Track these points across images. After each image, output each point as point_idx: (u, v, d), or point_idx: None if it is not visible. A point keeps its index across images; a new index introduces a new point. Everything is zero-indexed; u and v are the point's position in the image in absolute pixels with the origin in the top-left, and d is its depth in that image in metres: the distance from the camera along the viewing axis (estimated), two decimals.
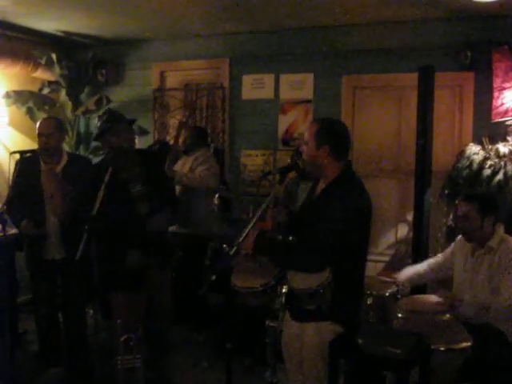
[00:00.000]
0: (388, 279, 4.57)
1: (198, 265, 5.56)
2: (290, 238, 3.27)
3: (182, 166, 5.79)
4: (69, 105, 6.92)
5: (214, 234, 5.66)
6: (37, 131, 4.57)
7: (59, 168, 4.61)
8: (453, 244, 4.28)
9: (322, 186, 3.17)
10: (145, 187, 4.13)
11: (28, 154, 4.41)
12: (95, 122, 4.30)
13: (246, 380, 4.67)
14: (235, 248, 3.00)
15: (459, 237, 4.21)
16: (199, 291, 3.18)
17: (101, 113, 4.26)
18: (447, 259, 4.26)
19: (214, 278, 2.98)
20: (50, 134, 4.55)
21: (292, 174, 3.75)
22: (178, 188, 5.50)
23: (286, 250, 3.14)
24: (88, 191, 4.01)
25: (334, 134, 3.10)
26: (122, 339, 3.74)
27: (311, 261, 2.95)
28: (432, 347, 3.19)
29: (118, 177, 3.99)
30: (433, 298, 4.14)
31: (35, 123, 4.76)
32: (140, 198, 4.13)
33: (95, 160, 6.78)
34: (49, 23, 6.21)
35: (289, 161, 5.86)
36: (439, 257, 4.37)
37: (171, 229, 5.12)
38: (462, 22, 5.62)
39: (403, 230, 6.16)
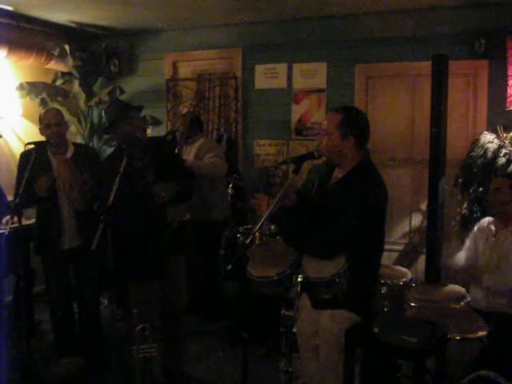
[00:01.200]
0: (402, 269, 4.59)
1: (211, 254, 5.58)
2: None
3: (187, 155, 5.77)
4: (82, 96, 6.94)
5: (227, 218, 5.68)
6: (43, 122, 4.52)
7: (67, 158, 4.61)
8: (471, 234, 4.29)
9: (339, 174, 3.16)
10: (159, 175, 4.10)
11: (32, 146, 4.37)
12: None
13: (261, 369, 4.68)
14: (250, 237, 3.00)
15: (478, 224, 4.22)
16: (216, 281, 3.19)
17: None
18: (471, 245, 4.25)
19: (229, 267, 2.99)
20: (58, 122, 4.55)
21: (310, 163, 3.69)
22: None
23: (305, 231, 3.12)
24: (102, 182, 4.01)
25: (359, 125, 3.09)
26: (137, 328, 3.75)
27: (329, 248, 2.95)
28: (448, 336, 3.19)
29: (133, 165, 3.99)
30: (446, 286, 4.13)
31: None
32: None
33: (109, 151, 6.87)
34: (62, 14, 6.22)
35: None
36: (466, 244, 4.36)
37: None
38: (476, 9, 5.56)
39: (417, 219, 6.15)
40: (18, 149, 6.29)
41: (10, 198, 4.77)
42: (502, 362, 3.22)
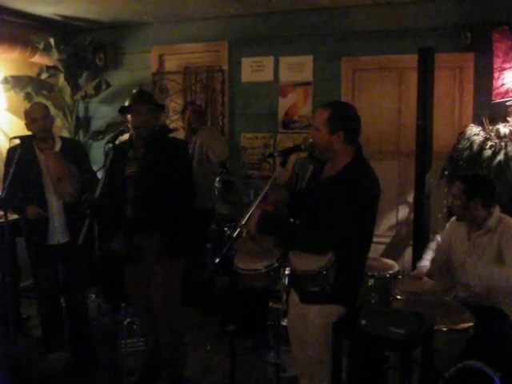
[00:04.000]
0: (389, 261, 4.60)
1: (199, 248, 5.57)
2: (292, 220, 3.28)
3: (193, 145, 5.93)
4: (67, 89, 6.90)
5: (213, 207, 5.69)
6: (29, 117, 4.50)
7: (56, 151, 4.58)
8: (447, 225, 4.29)
9: (331, 169, 3.14)
10: (140, 170, 3.93)
11: (17, 142, 4.36)
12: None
13: (249, 362, 4.69)
14: (238, 230, 3.00)
15: (452, 219, 4.24)
16: (203, 275, 3.18)
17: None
18: (444, 242, 4.25)
19: (217, 261, 2.99)
20: (45, 116, 4.53)
21: (296, 156, 3.66)
22: None
23: (290, 230, 3.12)
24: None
25: (347, 120, 3.07)
26: (125, 323, 3.75)
27: (320, 245, 2.94)
28: (434, 328, 3.21)
29: (127, 154, 3.95)
30: (432, 280, 4.14)
31: None
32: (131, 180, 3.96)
33: (95, 145, 6.86)
34: (46, 7, 6.17)
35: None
36: (438, 240, 4.36)
37: None
38: (462, 2, 5.58)
39: (404, 212, 6.17)
40: (2, 143, 6.25)
41: None
42: (488, 352, 3.24)
